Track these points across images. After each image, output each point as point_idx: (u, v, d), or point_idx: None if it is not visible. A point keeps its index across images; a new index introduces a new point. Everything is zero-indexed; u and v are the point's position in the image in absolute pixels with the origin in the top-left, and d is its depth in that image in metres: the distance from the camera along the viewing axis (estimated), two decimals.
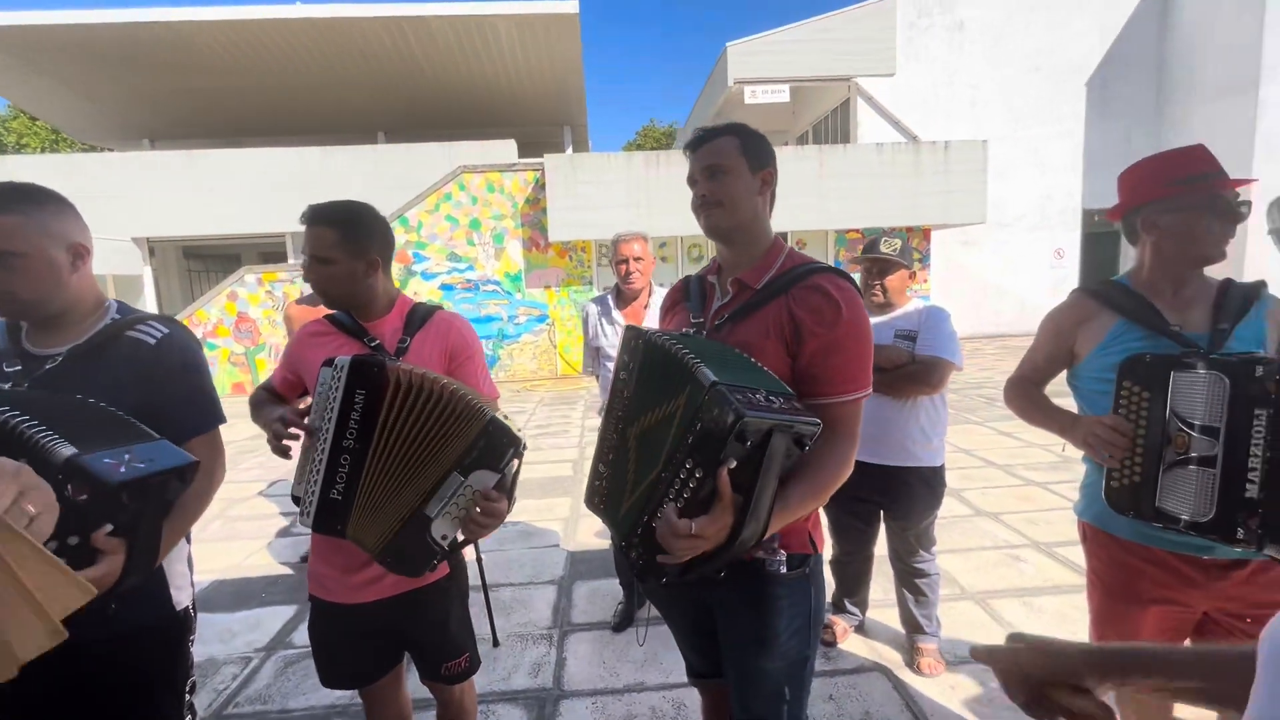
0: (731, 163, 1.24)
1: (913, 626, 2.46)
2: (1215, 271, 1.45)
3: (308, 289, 2.09)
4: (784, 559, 1.20)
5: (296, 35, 11.34)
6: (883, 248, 2.34)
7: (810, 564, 1.26)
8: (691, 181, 1.30)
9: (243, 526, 4.24)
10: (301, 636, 2.79)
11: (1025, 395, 1.65)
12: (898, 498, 2.34)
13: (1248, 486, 1.17)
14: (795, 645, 1.24)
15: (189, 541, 1.39)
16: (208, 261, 16.49)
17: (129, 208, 11.49)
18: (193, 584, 1.39)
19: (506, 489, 1.28)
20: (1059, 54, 13.32)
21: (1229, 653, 0.60)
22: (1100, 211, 13.42)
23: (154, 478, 0.99)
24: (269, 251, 14.94)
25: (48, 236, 1.17)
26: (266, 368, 10.07)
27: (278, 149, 12.32)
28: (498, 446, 1.22)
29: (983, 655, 0.73)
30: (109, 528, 0.97)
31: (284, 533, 4.09)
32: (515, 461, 1.26)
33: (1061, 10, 13.20)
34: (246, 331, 10.01)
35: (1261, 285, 1.42)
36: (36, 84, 12.85)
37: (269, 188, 11.66)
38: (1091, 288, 1.54)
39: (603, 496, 1.15)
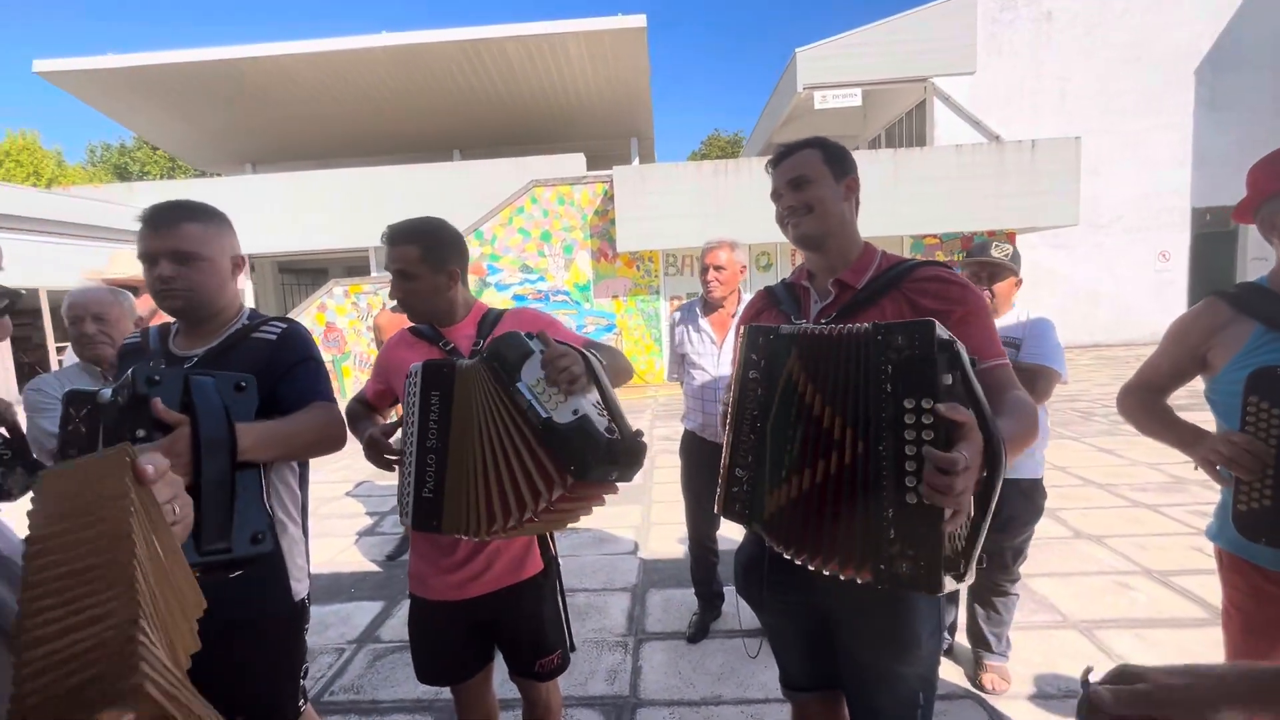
0: (816, 172, 1.25)
1: (980, 643, 2.36)
2: None
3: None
4: None
5: (380, 62, 12.12)
6: (994, 252, 2.28)
7: None
8: (776, 196, 1.31)
9: (332, 524, 4.48)
10: (389, 632, 2.91)
11: (1145, 405, 1.51)
12: (996, 509, 2.21)
13: None
14: (933, 646, 1.20)
15: (307, 537, 1.49)
16: (299, 275, 17.69)
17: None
18: (309, 577, 1.49)
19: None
20: (1161, 42, 12.36)
21: None
22: (1213, 210, 12.33)
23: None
24: (354, 265, 15.87)
25: (223, 246, 1.37)
26: (351, 375, 10.66)
27: (362, 169, 13.15)
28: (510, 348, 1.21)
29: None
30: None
31: (369, 531, 4.30)
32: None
33: None
34: (334, 340, 10.64)
35: None
36: (156, 117, 14.28)
37: (354, 206, 12.45)
38: (1227, 291, 1.40)
39: (744, 503, 1.11)
